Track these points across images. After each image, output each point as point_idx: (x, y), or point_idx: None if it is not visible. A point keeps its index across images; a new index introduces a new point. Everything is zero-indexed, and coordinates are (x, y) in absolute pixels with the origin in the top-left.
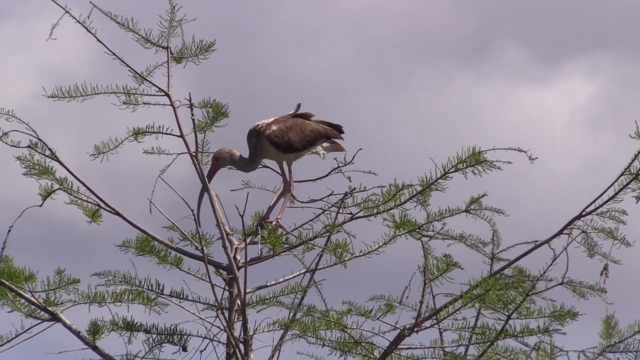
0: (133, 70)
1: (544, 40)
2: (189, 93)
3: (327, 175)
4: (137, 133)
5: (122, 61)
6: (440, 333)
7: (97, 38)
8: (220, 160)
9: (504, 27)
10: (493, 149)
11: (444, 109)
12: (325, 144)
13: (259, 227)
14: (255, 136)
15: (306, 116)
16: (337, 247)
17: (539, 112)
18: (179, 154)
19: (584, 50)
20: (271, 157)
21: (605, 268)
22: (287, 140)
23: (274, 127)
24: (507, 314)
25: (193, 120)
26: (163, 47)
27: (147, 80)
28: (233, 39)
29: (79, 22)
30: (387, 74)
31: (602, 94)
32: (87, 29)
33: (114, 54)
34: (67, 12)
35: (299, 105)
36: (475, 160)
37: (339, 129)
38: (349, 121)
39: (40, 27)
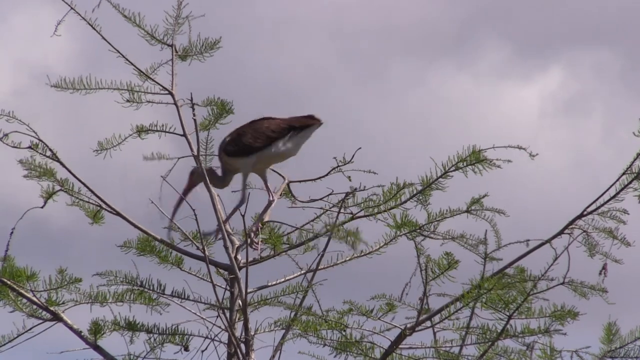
0: (137, 68)
1: (527, 35)
2: (191, 93)
3: (326, 175)
4: (141, 131)
5: (127, 59)
6: (434, 333)
7: (102, 36)
8: (196, 176)
9: (487, 22)
10: (492, 147)
11: (426, 104)
12: (299, 134)
13: (249, 237)
14: (219, 154)
15: (269, 118)
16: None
17: (524, 108)
18: (179, 158)
19: (569, 46)
20: (240, 167)
21: (604, 267)
22: (243, 144)
23: (228, 139)
24: (508, 313)
25: (195, 120)
26: (168, 45)
27: (152, 79)
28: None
29: (84, 19)
30: (366, 68)
31: (587, 90)
32: (92, 26)
33: (118, 51)
34: (72, 8)
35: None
36: (475, 158)
37: (311, 118)
38: (335, 118)
39: (18, 22)
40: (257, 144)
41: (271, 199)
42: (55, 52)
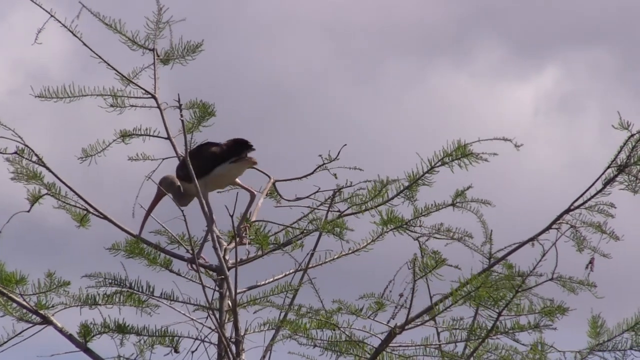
0: (119, 73)
1: (524, 34)
2: (178, 94)
3: (312, 173)
4: (125, 135)
5: (108, 64)
6: (438, 333)
7: (83, 42)
8: (164, 185)
9: (484, 21)
10: (478, 141)
11: (423, 103)
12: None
13: (238, 235)
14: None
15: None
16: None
17: (520, 107)
18: (164, 159)
19: (565, 45)
20: (194, 190)
21: (591, 262)
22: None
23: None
24: (497, 310)
25: (182, 121)
26: (149, 49)
27: (134, 83)
28: (207, 38)
29: (64, 26)
30: (364, 67)
31: (583, 89)
32: (73, 32)
33: (100, 57)
34: (52, 16)
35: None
36: (461, 153)
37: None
38: (333, 117)
39: (14, 21)
40: (202, 168)
41: (253, 193)
42: (53, 51)
